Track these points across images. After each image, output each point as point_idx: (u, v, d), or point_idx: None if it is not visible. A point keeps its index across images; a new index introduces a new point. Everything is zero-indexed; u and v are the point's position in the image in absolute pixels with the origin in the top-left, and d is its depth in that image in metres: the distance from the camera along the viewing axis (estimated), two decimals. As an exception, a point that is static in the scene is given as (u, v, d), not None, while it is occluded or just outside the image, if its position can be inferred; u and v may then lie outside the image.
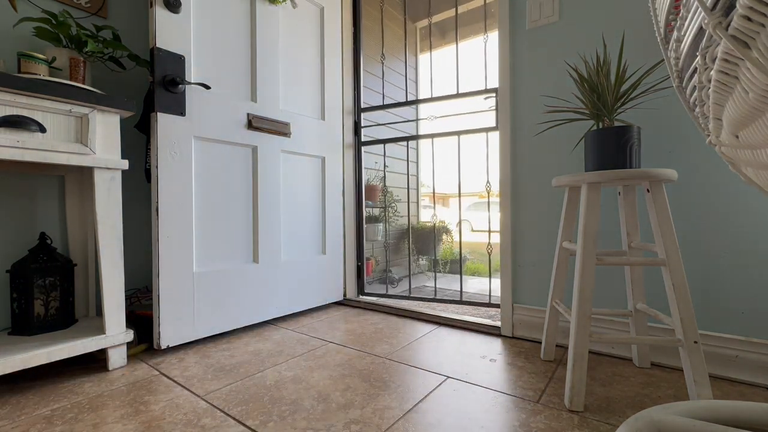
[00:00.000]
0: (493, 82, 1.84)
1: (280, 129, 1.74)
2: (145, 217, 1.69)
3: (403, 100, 3.04)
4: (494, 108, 1.70)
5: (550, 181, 1.44)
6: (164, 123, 1.35)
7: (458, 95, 1.87)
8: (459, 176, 2.04)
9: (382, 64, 2.09)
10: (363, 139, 2.23)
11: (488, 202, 1.81)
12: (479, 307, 1.74)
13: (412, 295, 2.03)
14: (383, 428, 0.89)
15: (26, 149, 1.03)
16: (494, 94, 1.70)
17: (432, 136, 1.97)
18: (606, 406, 0.97)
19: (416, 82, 3.46)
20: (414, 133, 3.07)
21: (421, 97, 3.55)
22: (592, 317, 1.31)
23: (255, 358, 1.32)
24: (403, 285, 2.62)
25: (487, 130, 1.77)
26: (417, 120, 2.36)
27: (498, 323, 1.60)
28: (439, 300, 1.91)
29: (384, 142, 2.16)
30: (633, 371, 1.18)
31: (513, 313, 1.51)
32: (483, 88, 1.78)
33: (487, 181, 1.85)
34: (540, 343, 1.44)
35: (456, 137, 1.89)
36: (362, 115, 2.25)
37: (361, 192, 2.24)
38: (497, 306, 1.71)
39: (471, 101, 1.91)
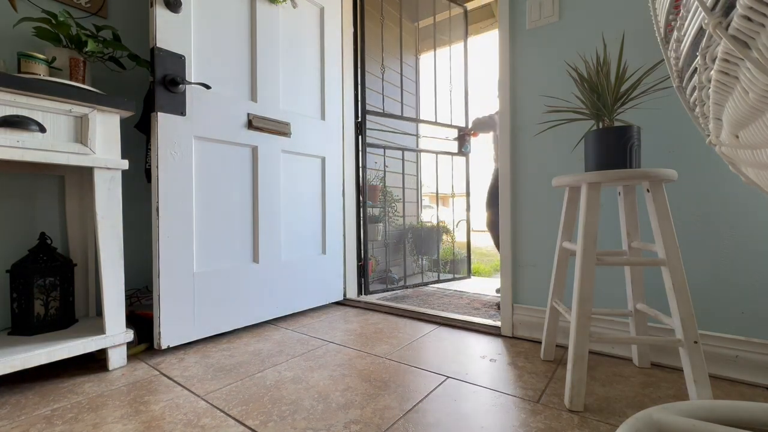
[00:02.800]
0: (460, 119, 2.82)
1: (280, 129, 1.74)
2: (145, 217, 1.69)
3: (413, 101, 3.12)
4: (456, 138, 2.78)
5: (550, 181, 1.44)
6: (164, 123, 1.35)
7: (436, 123, 2.68)
8: (437, 187, 2.73)
9: (382, 67, 2.09)
10: (366, 139, 2.24)
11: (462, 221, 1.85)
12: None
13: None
14: (383, 428, 0.89)
15: (26, 149, 1.03)
16: (456, 132, 2.77)
17: (419, 151, 2.66)
18: (606, 406, 0.97)
19: (416, 82, 3.46)
20: (416, 137, 3.10)
21: (421, 96, 3.56)
22: (592, 317, 1.31)
23: (255, 358, 1.32)
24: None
25: (452, 154, 2.76)
26: (417, 123, 2.42)
27: (498, 323, 1.60)
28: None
29: (384, 147, 2.25)
30: (633, 371, 1.18)
31: (513, 313, 1.51)
32: (451, 123, 2.76)
33: (452, 192, 2.66)
34: (540, 343, 1.44)
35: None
36: (366, 116, 2.25)
37: (362, 192, 2.24)
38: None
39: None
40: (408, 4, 3.34)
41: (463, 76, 2.83)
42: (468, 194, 2.88)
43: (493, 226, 2.46)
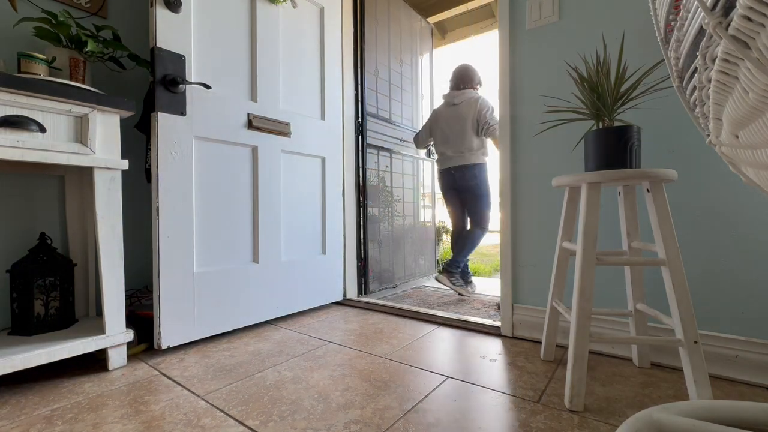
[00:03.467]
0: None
1: (280, 129, 1.74)
2: (145, 217, 1.69)
3: (408, 101, 3.16)
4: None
5: (550, 181, 1.44)
6: (165, 123, 1.35)
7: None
8: (415, 189, 2.92)
9: (376, 70, 2.08)
10: (368, 139, 2.25)
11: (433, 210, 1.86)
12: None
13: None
14: (383, 428, 0.89)
15: (26, 149, 1.03)
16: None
17: (402, 153, 2.69)
18: (606, 406, 0.97)
19: (414, 82, 3.46)
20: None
21: (423, 96, 3.58)
22: (592, 317, 1.31)
23: (255, 358, 1.32)
24: (403, 286, 2.61)
25: (423, 159, 3.05)
26: (415, 134, 2.57)
27: (498, 323, 1.60)
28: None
29: (378, 148, 2.30)
30: (633, 371, 1.18)
31: (513, 313, 1.51)
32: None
33: (423, 193, 2.97)
34: (540, 343, 1.44)
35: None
36: (366, 116, 2.25)
37: (362, 192, 2.24)
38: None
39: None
40: (399, 5, 3.35)
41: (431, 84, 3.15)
42: (434, 195, 3.27)
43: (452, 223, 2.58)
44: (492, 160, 2.53)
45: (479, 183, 2.37)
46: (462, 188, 2.42)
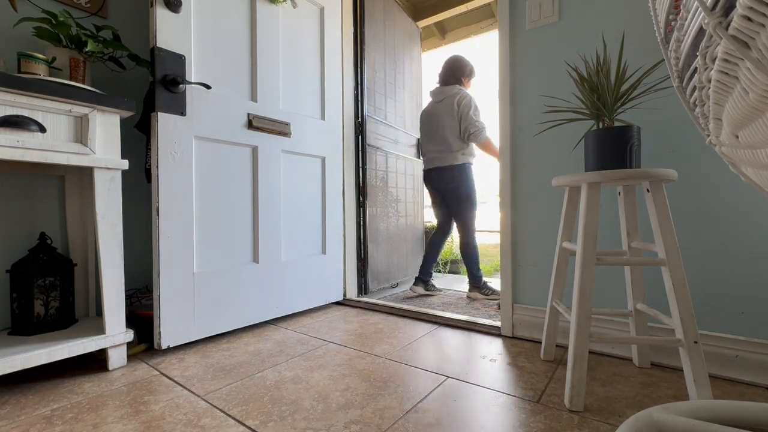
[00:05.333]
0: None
1: (280, 129, 1.74)
2: (145, 217, 1.69)
3: (409, 102, 3.15)
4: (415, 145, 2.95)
5: (550, 181, 1.44)
6: (165, 123, 1.35)
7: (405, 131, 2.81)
8: (415, 189, 2.58)
9: (374, 71, 2.08)
10: (368, 139, 2.25)
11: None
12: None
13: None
14: (383, 428, 0.89)
15: (26, 149, 1.03)
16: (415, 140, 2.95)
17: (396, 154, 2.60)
18: (606, 406, 0.97)
19: (414, 83, 3.45)
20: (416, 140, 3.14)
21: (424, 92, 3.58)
22: (592, 317, 1.31)
23: (255, 358, 1.32)
24: (403, 286, 2.61)
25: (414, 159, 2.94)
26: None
27: (498, 323, 1.60)
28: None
29: (378, 148, 2.32)
30: (633, 371, 1.18)
31: (513, 313, 1.51)
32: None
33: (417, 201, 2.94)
34: (540, 343, 1.44)
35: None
36: (366, 116, 2.25)
37: (362, 192, 2.24)
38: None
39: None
40: (411, 4, 3.35)
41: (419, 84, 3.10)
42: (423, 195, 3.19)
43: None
44: (480, 161, 2.48)
45: (459, 185, 2.28)
46: (442, 190, 2.35)
